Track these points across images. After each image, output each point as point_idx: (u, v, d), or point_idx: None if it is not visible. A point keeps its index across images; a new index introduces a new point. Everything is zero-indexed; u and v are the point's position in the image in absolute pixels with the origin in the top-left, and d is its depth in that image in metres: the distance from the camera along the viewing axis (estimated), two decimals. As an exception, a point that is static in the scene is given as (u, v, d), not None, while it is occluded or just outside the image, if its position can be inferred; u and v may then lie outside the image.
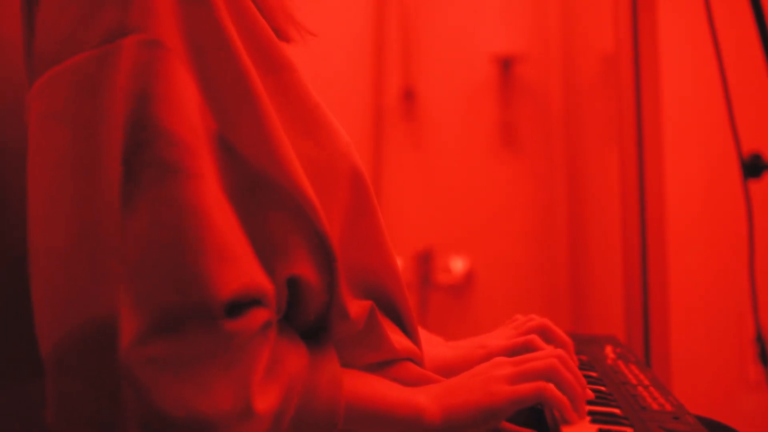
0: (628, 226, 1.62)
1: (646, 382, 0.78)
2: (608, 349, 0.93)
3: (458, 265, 2.28)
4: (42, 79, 0.56)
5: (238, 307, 0.53)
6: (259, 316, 0.55)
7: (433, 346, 0.85)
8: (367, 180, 0.68)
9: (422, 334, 0.80)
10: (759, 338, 1.36)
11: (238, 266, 0.54)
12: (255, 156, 0.58)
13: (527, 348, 0.78)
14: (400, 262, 0.74)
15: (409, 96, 2.32)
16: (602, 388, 0.75)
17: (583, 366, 0.83)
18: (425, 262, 2.26)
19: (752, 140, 1.34)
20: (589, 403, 0.68)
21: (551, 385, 0.64)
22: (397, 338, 0.72)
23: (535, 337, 0.79)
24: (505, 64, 2.28)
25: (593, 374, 0.80)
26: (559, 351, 0.71)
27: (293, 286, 0.60)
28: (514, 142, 2.32)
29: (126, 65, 0.53)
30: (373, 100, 2.34)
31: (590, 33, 2.16)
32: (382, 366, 0.70)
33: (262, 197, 0.58)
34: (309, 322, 0.64)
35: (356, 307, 0.65)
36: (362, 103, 2.33)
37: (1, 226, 0.72)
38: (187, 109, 0.55)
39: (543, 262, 2.29)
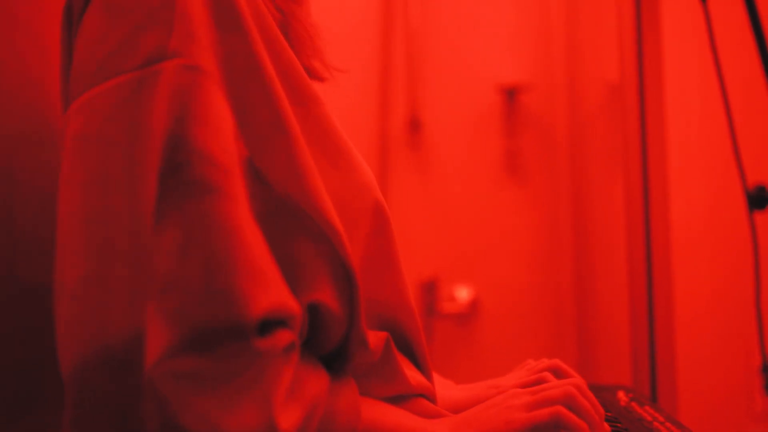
0: (634, 255, 1.62)
1: (661, 419, 0.77)
2: (620, 394, 0.93)
3: (463, 293, 2.27)
4: (80, 100, 0.57)
5: (267, 326, 0.53)
6: (285, 337, 0.55)
7: (445, 388, 0.85)
8: (388, 215, 0.70)
9: (434, 377, 0.80)
10: (765, 369, 1.35)
11: (270, 286, 0.54)
12: (283, 183, 0.59)
13: (540, 383, 0.78)
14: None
15: (414, 125, 2.33)
16: (618, 425, 0.74)
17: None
18: (430, 291, 2.25)
19: (757, 171, 1.34)
20: None
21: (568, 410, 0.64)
22: (411, 374, 0.72)
23: (547, 374, 0.79)
24: (510, 94, 2.29)
25: (608, 414, 0.79)
26: (575, 380, 0.71)
27: (314, 312, 0.60)
28: (519, 171, 2.32)
29: (166, 88, 0.54)
30: (379, 129, 2.34)
31: (595, 62, 2.17)
32: (396, 401, 0.70)
33: (288, 223, 0.59)
34: (328, 350, 0.64)
35: (374, 337, 0.66)
36: (368, 132, 2.33)
37: (11, 256, 0.72)
38: (223, 132, 0.56)
39: (548, 291, 2.28)
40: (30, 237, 0.75)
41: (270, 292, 0.54)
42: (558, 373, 0.81)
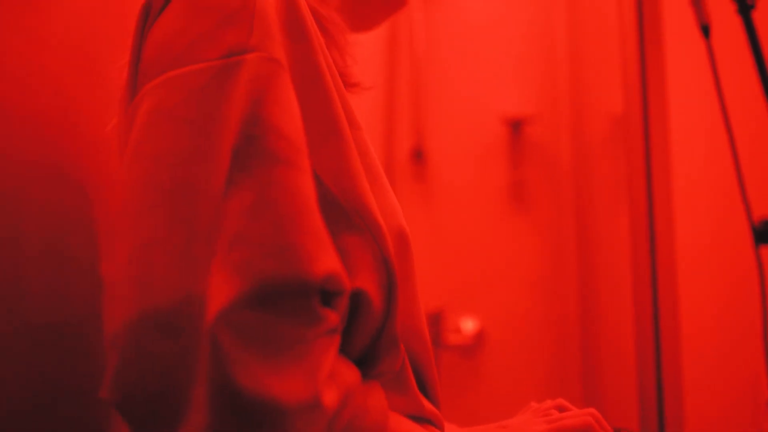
0: (639, 286, 1.61)
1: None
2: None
3: (469, 325, 2.26)
4: (156, 81, 0.59)
5: (323, 295, 0.55)
6: (332, 317, 0.56)
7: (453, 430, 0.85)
8: (411, 242, 0.72)
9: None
10: (773, 404, 1.34)
11: (330, 251, 0.56)
12: (335, 180, 0.62)
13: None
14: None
15: (419, 156, 2.34)
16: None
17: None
18: (436, 322, 2.24)
19: (763, 204, 1.34)
20: None
21: None
22: (422, 400, 0.73)
23: (555, 411, 0.79)
24: (515, 125, 2.29)
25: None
26: (592, 410, 0.72)
27: (356, 300, 0.62)
28: (524, 203, 2.32)
29: (246, 75, 0.57)
30: (384, 159, 2.35)
31: (599, 94, 2.18)
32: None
33: (337, 217, 0.62)
34: (359, 348, 0.65)
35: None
36: (373, 163, 2.34)
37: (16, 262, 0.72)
38: (296, 116, 0.59)
39: (553, 322, 2.27)
40: (38, 277, 0.75)
41: (331, 256, 0.56)
42: (562, 411, 0.81)
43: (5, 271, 0.70)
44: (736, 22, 1.05)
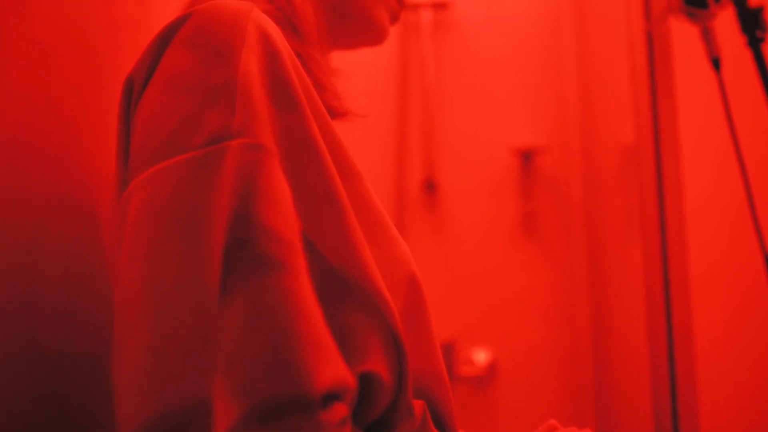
0: (653, 315, 1.60)
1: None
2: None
3: (481, 356, 2.25)
4: (144, 175, 0.58)
5: (326, 399, 0.54)
6: (340, 410, 0.55)
7: None
8: (423, 287, 0.71)
9: None
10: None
11: (331, 360, 0.55)
12: (336, 254, 0.60)
13: None
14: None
15: (430, 187, 2.34)
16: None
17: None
18: (448, 354, 2.24)
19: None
20: None
21: None
22: None
23: None
24: (526, 156, 2.30)
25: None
26: None
27: (366, 381, 0.61)
28: (535, 234, 2.32)
29: (231, 166, 0.56)
30: (396, 190, 2.36)
31: (610, 124, 2.19)
32: None
33: (340, 294, 0.60)
34: (373, 418, 0.64)
35: (416, 404, 0.66)
36: (384, 194, 2.35)
37: (34, 327, 0.73)
38: (285, 207, 0.58)
39: (566, 353, 2.26)
40: (53, 308, 0.76)
41: (332, 366, 0.55)
42: None
43: (22, 297, 0.71)
44: (746, 54, 1.06)
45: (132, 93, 0.65)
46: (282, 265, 0.55)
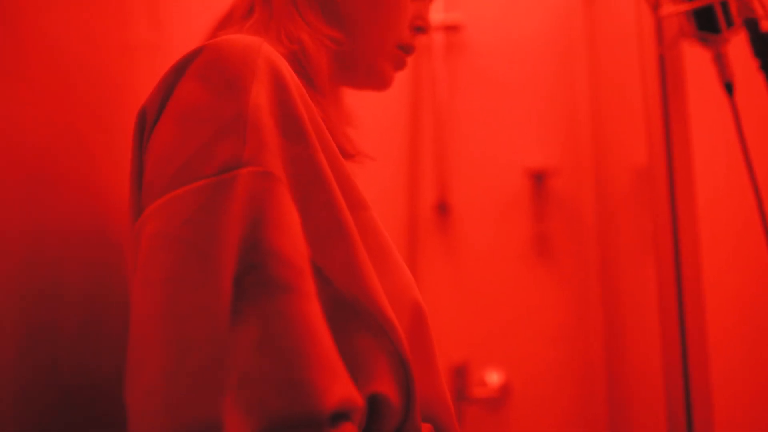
0: (668, 338, 1.60)
1: None
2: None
3: (494, 378, 2.24)
4: (157, 203, 0.60)
5: (335, 418, 0.55)
6: (349, 429, 0.57)
7: None
8: (427, 314, 0.73)
9: None
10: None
11: (340, 379, 0.57)
12: (344, 281, 0.63)
13: None
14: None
15: (442, 209, 2.34)
16: None
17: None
18: (460, 375, 2.23)
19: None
20: None
21: None
22: None
23: None
24: (538, 178, 2.30)
25: None
26: None
27: (374, 403, 0.62)
28: (548, 255, 2.32)
29: (242, 193, 0.58)
30: (408, 212, 2.36)
31: (622, 146, 2.19)
32: None
33: (349, 319, 0.62)
34: None
35: (424, 428, 0.69)
36: (397, 215, 2.35)
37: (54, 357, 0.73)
38: (294, 233, 0.60)
39: (580, 374, 2.25)
40: (75, 332, 0.76)
41: (340, 385, 0.56)
42: None
43: (44, 329, 0.71)
44: (759, 77, 1.06)
45: (145, 124, 0.67)
46: (291, 289, 0.57)
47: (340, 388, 0.56)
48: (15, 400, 0.66)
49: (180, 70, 0.66)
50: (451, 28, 2.41)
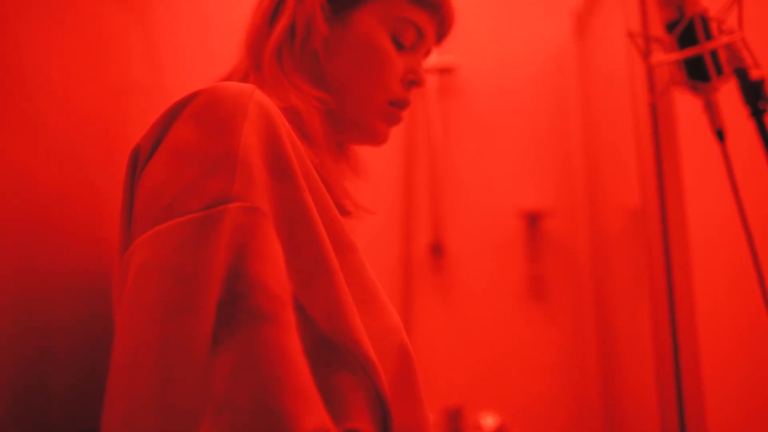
0: (663, 379, 1.59)
1: None
2: None
3: (489, 421, 2.23)
4: (145, 236, 0.61)
5: None
6: None
7: None
8: (413, 356, 0.73)
9: None
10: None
11: (316, 409, 0.57)
12: (326, 318, 0.63)
13: None
14: (431, 418, 0.77)
15: (437, 250, 2.35)
16: None
17: None
18: (455, 419, 2.21)
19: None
20: None
21: None
22: None
23: None
24: (533, 219, 2.31)
25: None
26: None
27: None
28: (542, 297, 2.32)
29: (228, 226, 0.59)
30: (403, 253, 2.37)
31: (616, 188, 2.20)
32: None
33: (329, 356, 0.63)
34: None
35: None
36: (392, 256, 2.36)
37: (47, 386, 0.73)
38: (278, 266, 0.61)
39: (576, 416, 2.23)
40: (65, 356, 0.76)
41: (316, 415, 0.56)
42: None
43: (33, 382, 0.71)
44: (749, 124, 1.08)
45: (138, 161, 0.69)
46: (271, 318, 0.57)
47: (315, 418, 0.56)
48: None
49: (176, 112, 0.68)
50: (445, 71, 2.43)
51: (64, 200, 0.79)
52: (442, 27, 0.99)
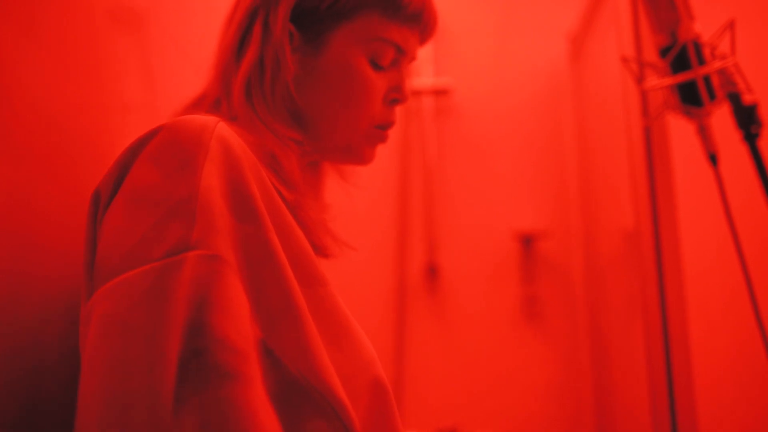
0: (657, 402, 1.59)
1: None
2: None
3: (484, 443, 2.22)
4: (106, 287, 0.59)
5: None
6: None
7: None
8: (388, 388, 0.72)
9: None
10: None
11: None
12: (295, 363, 0.62)
13: None
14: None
15: (432, 272, 2.35)
16: None
17: None
18: (450, 440, 2.21)
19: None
20: None
21: None
22: None
23: None
24: (527, 241, 2.31)
25: None
26: None
27: None
28: (537, 318, 2.32)
29: (188, 276, 0.57)
30: (397, 275, 2.36)
31: (610, 210, 2.21)
32: None
33: (300, 402, 0.61)
34: None
35: None
36: (386, 278, 2.35)
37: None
38: (240, 317, 0.59)
39: (571, 441, 2.23)
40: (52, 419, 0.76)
41: None
42: None
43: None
44: (743, 147, 1.08)
45: (98, 206, 0.67)
46: (234, 375, 0.56)
47: None
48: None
49: (135, 151, 0.66)
50: (440, 93, 2.44)
51: (56, 222, 0.79)
52: (425, 32, 0.91)
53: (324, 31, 0.84)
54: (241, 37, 0.84)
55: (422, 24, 0.89)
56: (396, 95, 0.90)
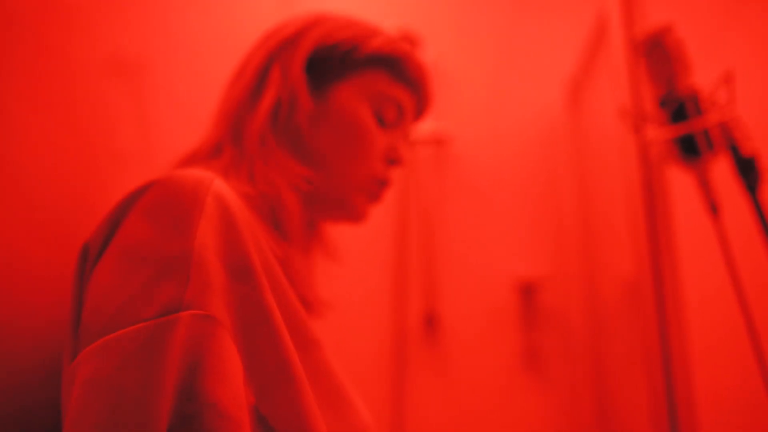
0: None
1: None
2: None
3: (485, 496, 2.19)
4: (93, 346, 0.57)
5: None
6: None
7: None
8: None
9: None
10: None
11: None
12: (288, 430, 0.60)
13: None
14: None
15: (431, 321, 2.33)
16: None
17: None
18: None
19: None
20: None
21: None
22: None
23: None
24: (527, 289, 2.30)
25: None
26: None
27: None
28: (538, 366, 2.29)
29: (180, 338, 0.55)
30: (396, 324, 2.34)
31: (611, 257, 2.20)
32: None
33: None
34: None
35: None
36: (385, 327, 2.34)
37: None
38: (233, 382, 0.57)
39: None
40: None
41: None
42: None
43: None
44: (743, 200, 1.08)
45: (87, 260, 0.65)
46: None
47: None
48: None
49: (127, 205, 0.65)
50: (438, 140, 2.45)
51: (50, 271, 0.77)
52: (421, 105, 0.97)
53: (334, 80, 0.88)
54: (258, 81, 0.87)
55: (420, 93, 0.95)
56: (393, 155, 0.93)
